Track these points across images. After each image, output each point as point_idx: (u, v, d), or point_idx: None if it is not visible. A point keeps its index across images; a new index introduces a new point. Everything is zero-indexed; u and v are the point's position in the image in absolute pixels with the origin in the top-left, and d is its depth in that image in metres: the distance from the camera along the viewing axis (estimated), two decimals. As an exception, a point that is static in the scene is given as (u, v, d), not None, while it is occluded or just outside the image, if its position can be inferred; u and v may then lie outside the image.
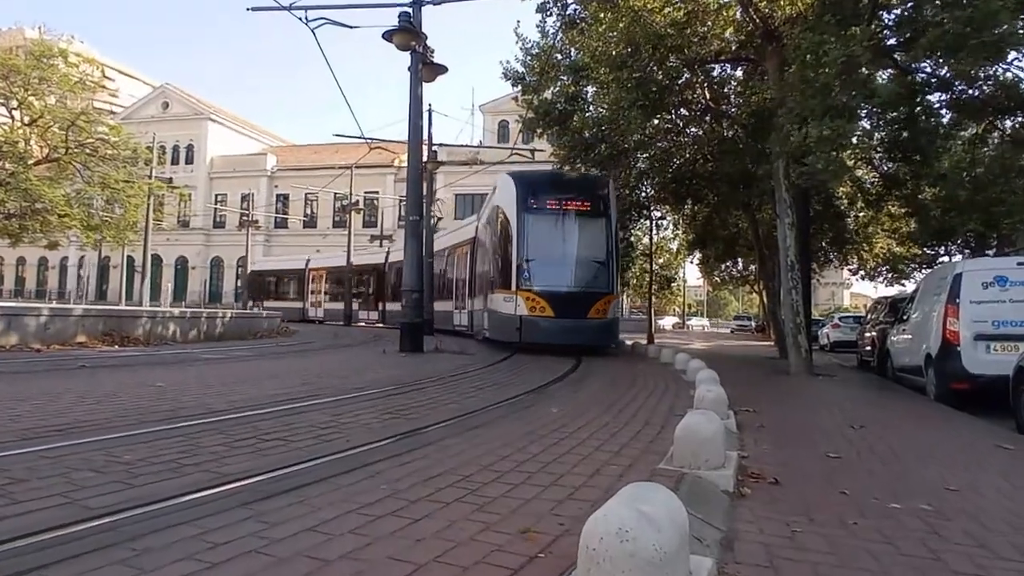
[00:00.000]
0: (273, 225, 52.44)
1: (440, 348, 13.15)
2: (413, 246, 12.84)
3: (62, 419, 4.64)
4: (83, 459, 3.51)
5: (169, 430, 4.39)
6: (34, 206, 25.47)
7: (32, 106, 25.72)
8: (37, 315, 10.88)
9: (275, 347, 13.82)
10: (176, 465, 3.46)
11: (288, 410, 5.35)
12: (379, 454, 3.96)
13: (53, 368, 8.15)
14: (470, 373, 9.15)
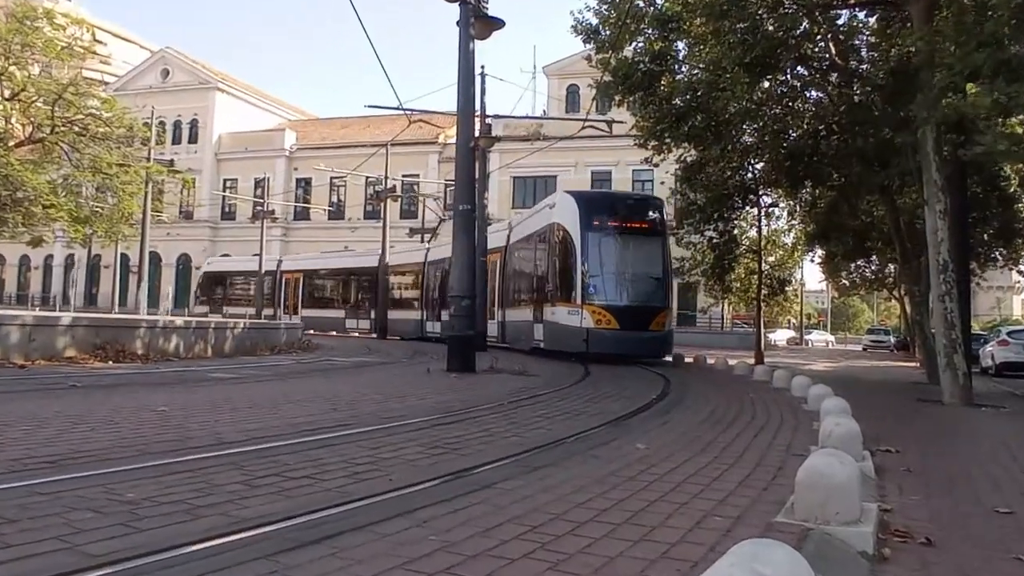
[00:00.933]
0: (293, 216, 53.66)
1: (496, 367, 13.26)
2: (463, 242, 12.98)
3: (54, 448, 4.85)
4: (81, 497, 3.67)
5: (177, 464, 4.55)
6: (15, 195, 26.63)
7: (13, 77, 26.80)
8: (20, 324, 11.38)
9: (296, 364, 14.15)
10: (187, 506, 3.58)
11: (316, 442, 5.48)
12: (427, 497, 4.02)
13: (39, 388, 8.53)
14: (534, 398, 9.20)
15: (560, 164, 45.33)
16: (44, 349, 11.51)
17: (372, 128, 53.31)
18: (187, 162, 50.22)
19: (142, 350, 13.04)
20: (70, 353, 11.84)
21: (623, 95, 17.84)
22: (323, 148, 53.36)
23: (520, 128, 44.94)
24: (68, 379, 9.34)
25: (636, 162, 33.92)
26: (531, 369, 13.83)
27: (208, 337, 14.93)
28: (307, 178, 53.82)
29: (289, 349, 18.08)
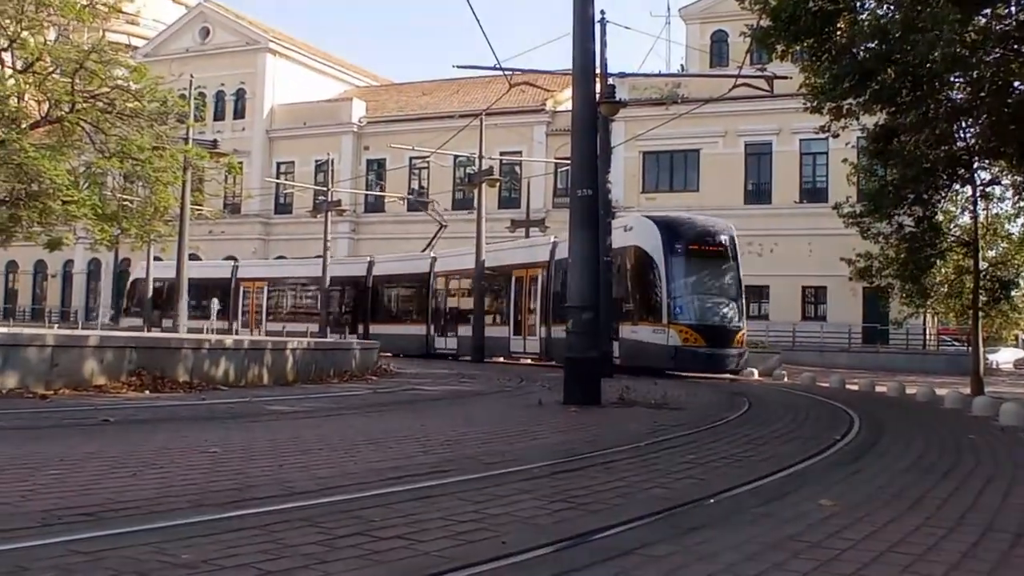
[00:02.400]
0: (363, 207, 54.69)
1: (627, 398, 13.22)
2: (583, 238, 12.99)
3: (90, 497, 5.08)
4: (127, 558, 3.82)
5: (238, 518, 4.69)
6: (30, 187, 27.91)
7: (26, 44, 28.15)
8: (40, 346, 11.96)
9: (373, 394, 14.43)
10: (256, 572, 3.69)
11: (407, 493, 5.56)
12: (550, 566, 4.03)
13: (66, 423, 8.95)
14: (680, 439, 9.16)
15: (704, 134, 44.99)
16: (69, 375, 12.04)
17: (461, 95, 53.93)
18: (233, 142, 51.78)
19: (185, 376, 13.50)
20: (99, 380, 12.34)
21: (787, 44, 17.60)
22: (400, 121, 54.30)
23: (651, 89, 44.85)
24: (99, 412, 9.74)
25: (806, 130, 33.24)
26: (672, 400, 13.74)
27: (264, 360, 15.37)
28: (380, 159, 54.85)
29: (362, 375, 18.44)
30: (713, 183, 45.89)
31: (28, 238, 31.36)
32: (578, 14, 13.60)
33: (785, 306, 44.50)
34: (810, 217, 43.14)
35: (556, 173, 48.10)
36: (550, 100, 48.24)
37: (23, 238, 31.29)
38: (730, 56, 43.60)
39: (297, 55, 60.52)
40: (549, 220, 46.10)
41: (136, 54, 51.52)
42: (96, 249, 40.72)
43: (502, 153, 47.19)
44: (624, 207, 44.31)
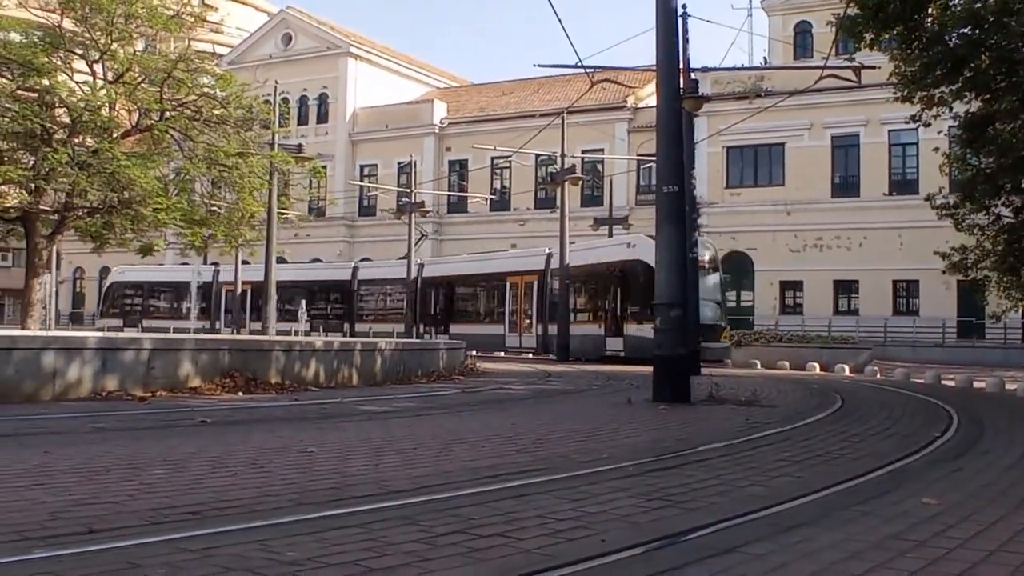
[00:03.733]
0: (446, 208, 55.05)
1: (716, 395, 13.12)
2: (670, 234, 12.92)
3: (194, 497, 5.21)
4: (235, 555, 3.91)
5: (338, 517, 4.76)
6: (122, 195, 28.64)
7: (117, 56, 28.92)
8: (137, 349, 12.29)
9: (461, 394, 14.53)
10: (360, 569, 3.75)
11: (503, 492, 5.60)
12: (649, 564, 4.02)
13: (165, 424, 9.20)
14: (774, 436, 9.07)
15: (789, 127, 44.41)
16: (165, 378, 12.36)
17: (542, 93, 54.01)
18: (316, 146, 52.56)
19: (277, 378, 13.78)
20: (194, 382, 12.66)
21: (875, 32, 17.30)
22: (481, 121, 54.54)
23: (734, 83, 44.49)
24: (195, 414, 9.99)
25: (896, 120, 32.79)
26: (763, 397, 13.60)
27: (354, 361, 15.60)
28: (462, 160, 55.15)
29: (449, 375, 18.59)
30: (799, 177, 45.28)
31: (121, 244, 32.07)
32: (661, 9, 13.53)
33: (875, 301, 43.69)
34: (900, 209, 42.32)
35: (638, 170, 47.90)
36: (631, 97, 48.00)
37: (116, 244, 32.01)
38: (814, 47, 43.00)
39: (378, 58, 61.13)
40: (632, 218, 45.92)
41: (221, 62, 52.49)
42: (186, 253, 41.51)
43: (584, 151, 47.04)
44: (708, 203, 44.04)
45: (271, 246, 33.14)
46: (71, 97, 27.55)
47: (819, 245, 44.79)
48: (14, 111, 26.82)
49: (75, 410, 10.27)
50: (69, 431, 8.56)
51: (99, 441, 7.79)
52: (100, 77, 28.96)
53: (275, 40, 61.44)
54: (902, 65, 18.02)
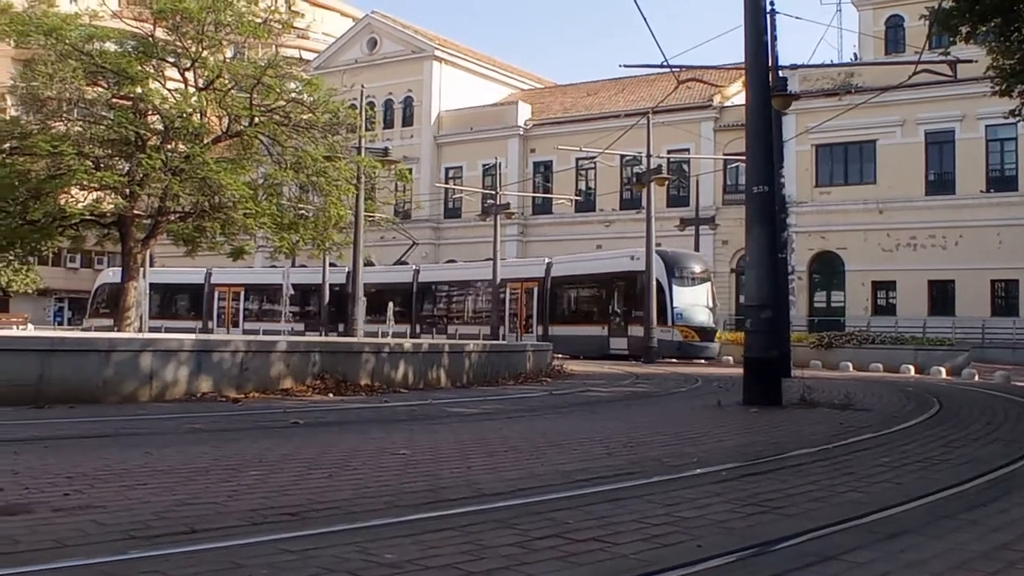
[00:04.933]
0: (531, 210, 55.13)
1: (808, 398, 12.93)
2: (761, 235, 12.77)
3: (291, 498, 5.30)
4: (334, 557, 3.97)
5: (434, 519, 4.81)
6: (213, 199, 29.24)
7: (207, 63, 29.55)
8: (232, 351, 12.56)
9: (549, 396, 14.56)
10: (459, 573, 3.78)
11: (596, 495, 5.59)
12: (748, 570, 4.00)
13: (259, 426, 9.39)
14: (869, 440, 8.93)
15: (880, 124, 43.53)
16: (257, 380, 12.62)
17: (627, 93, 53.81)
18: (402, 150, 52.99)
19: (367, 380, 13.97)
20: (286, 384, 12.90)
21: (971, 25, 16.90)
22: (565, 123, 54.49)
23: (823, 80, 43.82)
24: (288, 415, 10.18)
25: (993, 115, 31.93)
26: (857, 401, 13.36)
27: (442, 363, 15.72)
28: (546, 161, 55.13)
29: (536, 377, 18.63)
30: (891, 175, 44.37)
31: (211, 248, 32.74)
32: (749, 7, 13.40)
33: (972, 301, 42.57)
34: (999, 207, 41.30)
35: (725, 170, 47.44)
36: (717, 95, 47.54)
37: (207, 248, 32.67)
38: (907, 41, 42.09)
39: (462, 61, 61.47)
40: (719, 217, 45.56)
41: (308, 67, 53.29)
42: (275, 257, 42.19)
43: (669, 151, 46.73)
44: (797, 202, 43.44)
45: (358, 249, 33.43)
46: (164, 104, 28.25)
47: (913, 244, 43.84)
48: (110, 119, 27.61)
49: (172, 411, 10.54)
50: (167, 432, 8.78)
51: (197, 442, 7.98)
52: (191, 84, 29.60)
53: (361, 44, 62.13)
54: (1000, 59, 17.56)
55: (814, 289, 46.44)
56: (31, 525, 4.39)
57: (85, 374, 11.25)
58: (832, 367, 30.98)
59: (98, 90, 28.54)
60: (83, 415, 9.85)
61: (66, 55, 26.85)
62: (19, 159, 26.83)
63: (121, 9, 32.24)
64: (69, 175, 26.30)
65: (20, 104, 31.59)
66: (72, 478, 5.74)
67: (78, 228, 30.14)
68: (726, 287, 47.39)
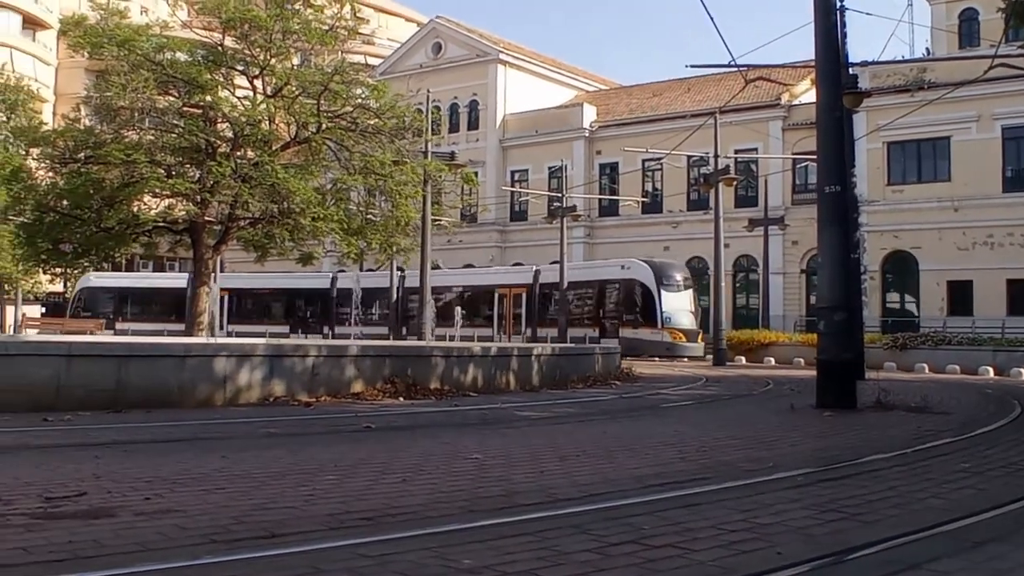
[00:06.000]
0: (597, 212, 55.04)
1: (884, 401, 12.75)
2: (832, 236, 12.64)
3: (367, 502, 5.35)
4: (411, 562, 4.00)
5: (509, 525, 4.82)
6: (282, 205, 29.60)
7: (275, 70, 29.93)
8: (303, 356, 12.71)
9: (619, 399, 14.54)
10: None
11: (671, 501, 5.57)
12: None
13: (332, 430, 9.52)
14: (949, 445, 8.79)
15: (954, 120, 42.60)
16: (329, 384, 12.77)
17: (693, 93, 53.45)
18: (467, 153, 53.20)
19: (436, 383, 14.05)
20: (357, 388, 13.03)
21: (1051, 17, 16.53)
22: (631, 124, 54.24)
23: (894, 76, 43.13)
24: (360, 419, 10.28)
25: (1072, 109, 31.18)
26: (935, 404, 13.14)
27: (511, 367, 15.78)
28: (612, 163, 54.92)
29: (605, 380, 18.61)
30: (966, 171, 43.45)
31: (281, 254, 33.12)
32: (819, 3, 13.28)
33: (1057, 301, 41.54)
34: (1080, 202, 40.31)
35: (794, 169, 46.90)
36: (786, 94, 47.01)
37: (276, 254, 33.06)
38: (981, 35, 41.26)
39: (527, 64, 61.49)
40: (789, 218, 45.05)
41: (374, 73, 53.76)
42: (343, 263, 42.55)
43: (737, 151, 46.29)
44: (869, 201, 42.79)
45: (426, 253, 33.67)
46: (233, 112, 28.67)
47: (990, 243, 42.88)
48: (181, 127, 28.10)
49: (246, 415, 10.71)
50: (243, 436, 8.92)
51: (272, 446, 8.10)
52: (260, 92, 29.98)
53: (426, 49, 62.45)
54: (1081, 52, 17.16)
55: (887, 289, 45.67)
56: (115, 529, 4.48)
57: (161, 379, 11.48)
58: (907, 369, 30.52)
59: (169, 99, 29.04)
60: (160, 419, 10.03)
61: (138, 65, 27.35)
62: (94, 168, 27.36)
63: (191, 19, 32.75)
64: (142, 183, 26.83)
65: (94, 114, 32.37)
66: (152, 482, 5.86)
67: (151, 235, 30.72)
68: (796, 288, 46.90)
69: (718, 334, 34.29)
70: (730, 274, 45.82)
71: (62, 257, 31.31)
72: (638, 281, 38.68)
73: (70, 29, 32.81)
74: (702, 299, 45.21)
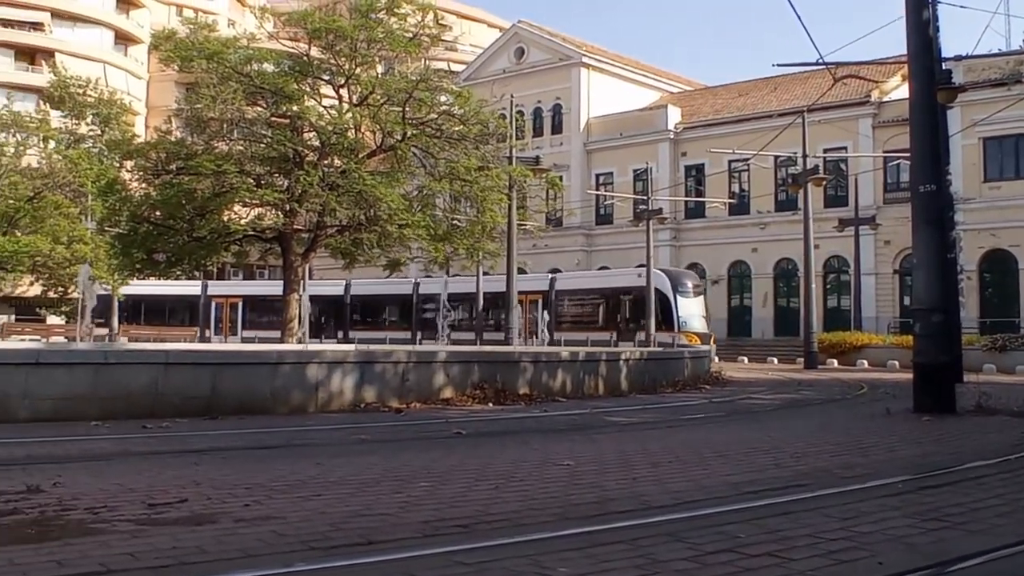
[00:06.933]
0: (683, 214, 54.68)
1: (985, 405, 12.44)
2: (928, 236, 12.37)
3: (460, 509, 5.39)
4: (507, 569, 4.02)
5: (603, 532, 4.82)
6: (369, 212, 29.93)
7: (360, 79, 30.31)
8: (394, 362, 12.87)
9: (709, 404, 14.44)
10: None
11: (766, 508, 5.52)
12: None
13: (423, 436, 9.65)
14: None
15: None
16: (419, 390, 12.93)
17: (780, 92, 52.81)
18: (552, 157, 53.17)
19: (525, 388, 14.11)
20: (447, 394, 13.16)
21: None
22: (716, 125, 53.76)
23: (990, 70, 42.07)
24: (450, 425, 10.37)
25: None
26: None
27: (599, 372, 15.77)
28: (698, 164, 54.48)
29: (695, 384, 18.51)
30: (1068, 166, 42.32)
31: (367, 261, 33.50)
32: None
33: None
34: None
35: (885, 167, 46.01)
36: (875, 91, 46.13)
37: (363, 261, 33.44)
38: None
39: (609, 66, 61.31)
40: (880, 217, 44.20)
41: (457, 79, 54.07)
42: (429, 268, 42.86)
43: (825, 150, 45.59)
44: (965, 199, 41.79)
45: (512, 258, 33.71)
46: (320, 121, 29.07)
47: (1092, 239, 41.67)
48: (269, 137, 28.62)
49: (338, 421, 10.87)
50: (336, 443, 9.05)
51: (365, 453, 8.20)
52: (346, 101, 30.38)
53: (508, 54, 62.63)
54: None
55: (985, 289, 44.57)
56: (217, 535, 4.59)
57: (254, 386, 11.72)
58: (1007, 371, 29.77)
59: (257, 110, 29.57)
60: (254, 426, 10.24)
61: (227, 77, 27.92)
62: (185, 179, 27.94)
63: (277, 31, 33.33)
64: (232, 193, 27.38)
65: (185, 126, 33.11)
66: (250, 488, 5.98)
67: (241, 243, 31.28)
68: (889, 289, 45.99)
69: (809, 337, 33.79)
70: (820, 275, 45.04)
71: (156, 266, 32.06)
72: (655, 288, 40.50)
73: (161, 43, 33.61)
74: (793, 301, 46.81)
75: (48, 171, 44.21)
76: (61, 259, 40.95)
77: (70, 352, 13.30)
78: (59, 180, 43.30)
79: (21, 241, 40.11)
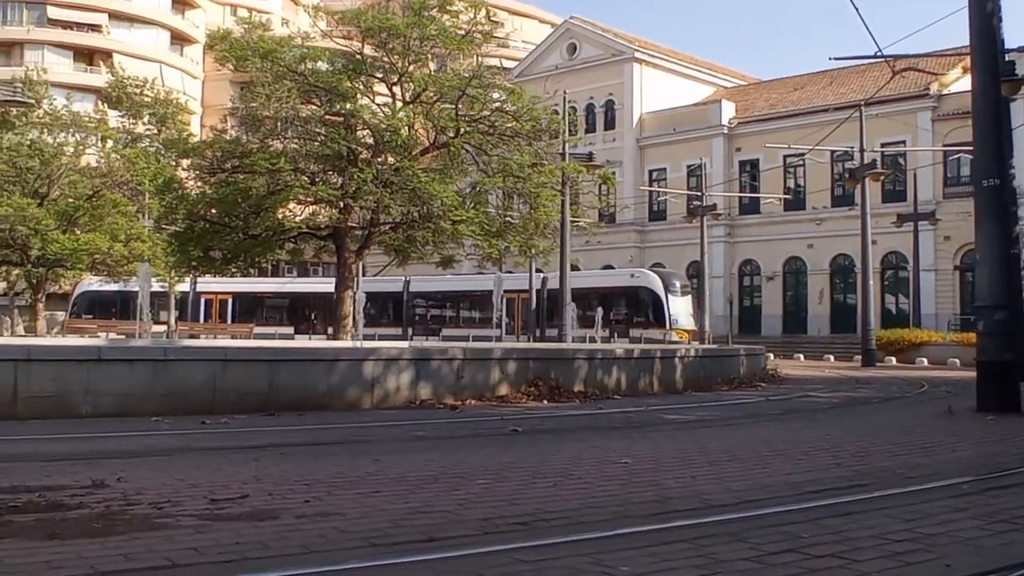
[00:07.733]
0: (738, 210, 54.29)
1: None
2: (991, 232, 12.19)
3: (519, 507, 5.40)
4: (569, 568, 4.02)
5: (664, 531, 4.80)
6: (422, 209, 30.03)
7: (413, 77, 30.43)
8: (449, 359, 12.93)
9: (766, 402, 14.34)
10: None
11: (828, 508, 5.47)
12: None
13: (479, 433, 9.68)
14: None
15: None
16: (474, 387, 12.98)
17: (836, 86, 52.25)
18: (604, 153, 52.91)
19: (580, 386, 14.11)
20: (502, 391, 13.20)
21: None
22: (771, 119, 53.33)
23: (1057, 61, 41.24)
24: (506, 422, 10.40)
25: None
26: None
27: (654, 369, 15.73)
28: (753, 159, 54.09)
29: (751, 381, 18.41)
30: None
31: (420, 258, 33.65)
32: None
33: None
34: None
35: (945, 162, 45.33)
36: (935, 84, 45.48)
37: (416, 258, 33.59)
38: None
39: (662, 61, 61.05)
40: (940, 212, 43.55)
41: (509, 76, 54.07)
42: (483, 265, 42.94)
43: (883, 144, 45.03)
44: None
45: (565, 254, 33.65)
46: (373, 119, 29.23)
47: None
48: (323, 135, 28.83)
49: (394, 418, 10.94)
50: (393, 439, 9.12)
51: (422, 449, 8.26)
52: (399, 98, 30.52)
53: (560, 50, 62.57)
54: None
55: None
56: (278, 531, 4.64)
57: (310, 382, 11.83)
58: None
59: (312, 108, 29.77)
60: (312, 422, 10.34)
61: (281, 76, 28.17)
62: (241, 177, 28.23)
63: (331, 29, 33.62)
64: (287, 191, 27.58)
65: (240, 125, 33.50)
66: (310, 485, 6.04)
67: (296, 241, 31.54)
68: (949, 285, 45.31)
69: (866, 334, 33.42)
70: (878, 272, 44.41)
71: (212, 263, 32.38)
72: (647, 288, 43.67)
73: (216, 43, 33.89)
74: (849, 297, 47.12)
75: (106, 170, 44.89)
76: (119, 257, 41.64)
77: (130, 349, 13.52)
78: (117, 179, 43.94)
79: (80, 239, 40.74)
